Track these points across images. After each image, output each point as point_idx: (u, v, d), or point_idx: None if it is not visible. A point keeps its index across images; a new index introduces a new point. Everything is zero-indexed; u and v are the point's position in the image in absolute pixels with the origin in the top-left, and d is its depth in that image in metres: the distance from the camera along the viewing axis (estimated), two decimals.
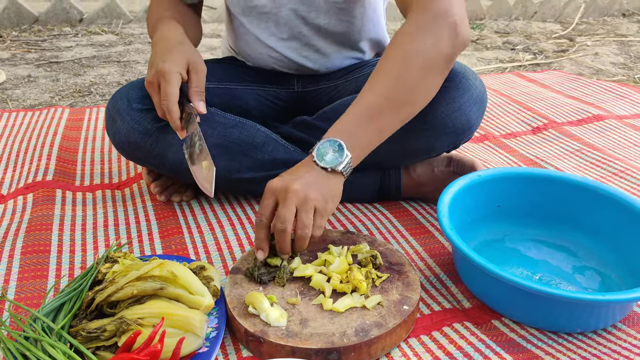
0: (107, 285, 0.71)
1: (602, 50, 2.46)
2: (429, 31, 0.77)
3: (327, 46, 1.07)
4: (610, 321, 0.75)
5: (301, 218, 0.74)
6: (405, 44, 0.77)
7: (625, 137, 1.40)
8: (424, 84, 0.79)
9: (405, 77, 0.77)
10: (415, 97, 0.80)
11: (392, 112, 0.79)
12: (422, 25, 0.77)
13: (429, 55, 0.77)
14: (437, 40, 0.77)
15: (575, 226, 0.92)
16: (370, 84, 0.79)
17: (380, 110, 0.78)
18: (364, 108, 0.78)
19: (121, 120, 0.94)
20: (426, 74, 0.78)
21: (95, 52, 2.30)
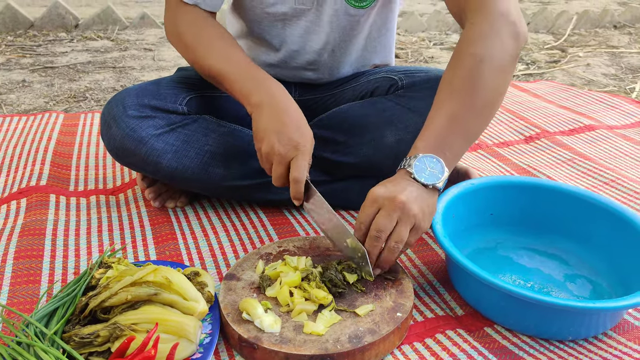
0: (101, 290, 0.71)
1: (593, 61, 2.49)
2: (494, 35, 0.78)
3: (336, 60, 1.08)
4: (601, 329, 0.76)
5: (400, 231, 0.73)
6: (474, 50, 0.78)
7: (616, 147, 1.42)
8: (499, 85, 0.80)
9: (481, 82, 0.77)
10: (493, 100, 0.80)
11: (475, 119, 0.79)
12: (486, 30, 0.79)
13: (498, 58, 0.78)
14: (502, 43, 0.78)
15: (567, 235, 0.93)
16: (449, 93, 0.79)
17: (465, 119, 0.78)
18: (449, 119, 0.77)
19: (116, 126, 0.94)
20: (499, 76, 0.79)
21: (90, 57, 2.30)
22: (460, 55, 0.80)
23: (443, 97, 0.79)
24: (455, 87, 0.78)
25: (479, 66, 0.77)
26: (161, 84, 1.02)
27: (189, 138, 0.97)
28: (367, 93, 1.08)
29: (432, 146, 0.77)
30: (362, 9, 1.00)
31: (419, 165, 0.76)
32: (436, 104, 0.80)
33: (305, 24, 1.01)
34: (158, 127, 0.95)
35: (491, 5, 0.80)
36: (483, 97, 0.78)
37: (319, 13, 1.00)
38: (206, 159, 0.98)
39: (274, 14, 1.00)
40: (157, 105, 0.97)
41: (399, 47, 2.67)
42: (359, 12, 1.00)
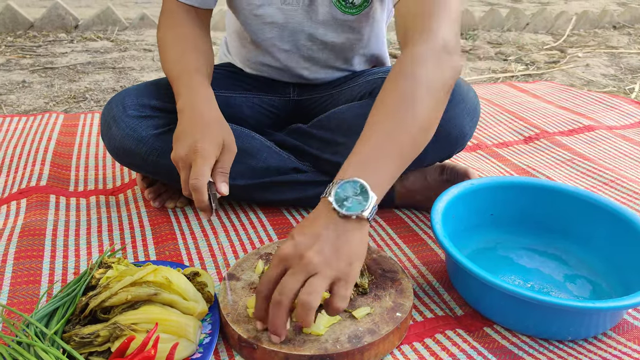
0: (101, 290, 0.71)
1: (593, 61, 2.49)
2: (433, 61, 0.75)
3: (329, 59, 1.08)
4: (600, 329, 0.76)
5: (310, 283, 0.62)
6: (412, 72, 0.74)
7: (615, 148, 1.42)
8: (434, 110, 0.75)
9: (417, 104, 0.72)
10: (428, 124, 0.74)
11: (409, 141, 0.72)
12: (426, 55, 0.75)
13: (435, 83, 0.74)
14: (441, 70, 0.75)
15: (566, 235, 0.93)
16: (383, 112, 0.73)
17: (398, 140, 0.71)
18: (382, 139, 0.70)
19: (116, 126, 0.94)
20: (434, 101, 0.74)
21: (90, 58, 2.30)
22: (397, 75, 0.75)
23: (376, 116, 0.73)
24: (390, 107, 0.72)
25: (416, 87, 0.73)
26: (161, 84, 1.02)
27: None
28: (366, 93, 1.08)
29: (360, 169, 0.67)
30: (352, 16, 1.00)
31: (339, 193, 0.65)
32: (369, 123, 0.73)
33: (294, 24, 1.02)
34: (158, 127, 0.96)
35: (433, 30, 0.77)
36: (418, 119, 0.72)
37: (309, 14, 1.00)
38: None
39: (262, 15, 1.01)
40: (157, 105, 0.97)
41: (397, 48, 2.68)
42: (348, 18, 1.00)
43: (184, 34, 0.95)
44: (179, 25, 0.96)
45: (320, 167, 1.05)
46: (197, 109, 0.84)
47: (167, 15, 0.98)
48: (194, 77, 0.89)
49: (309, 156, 1.05)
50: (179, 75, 0.90)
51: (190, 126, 0.81)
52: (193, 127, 0.81)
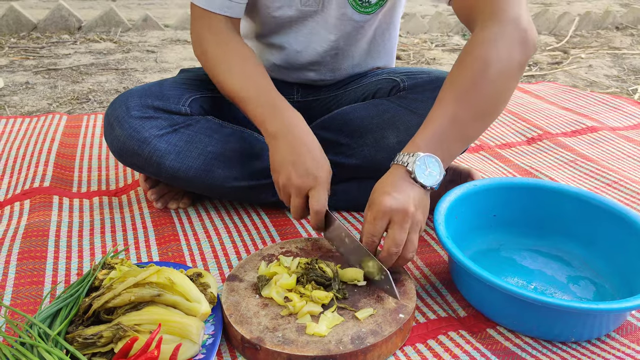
0: (104, 291, 0.71)
1: (595, 62, 2.49)
2: (503, 40, 0.76)
3: (339, 62, 1.09)
4: (604, 330, 0.76)
5: (413, 240, 0.75)
6: (481, 54, 0.76)
7: (618, 149, 1.42)
8: (503, 91, 0.78)
9: (485, 87, 0.76)
10: (496, 105, 0.79)
11: (476, 123, 0.78)
12: (496, 35, 0.77)
13: (505, 63, 0.76)
14: (511, 49, 0.76)
15: (570, 236, 0.93)
16: (452, 93, 0.77)
17: (465, 122, 0.77)
18: (450, 120, 0.76)
19: (119, 127, 0.95)
20: (504, 82, 0.77)
21: (93, 59, 2.31)
22: (467, 56, 0.78)
23: (446, 97, 0.78)
24: (458, 88, 0.77)
25: (485, 69, 0.76)
26: (164, 85, 1.02)
27: (192, 139, 0.97)
28: (370, 94, 1.08)
29: (432, 146, 0.76)
30: (367, 15, 1.00)
31: (419, 166, 0.75)
32: (438, 102, 0.79)
33: (311, 25, 1.02)
34: (161, 128, 0.96)
35: (503, 11, 0.78)
36: (486, 101, 0.77)
37: (325, 15, 1.00)
38: (209, 160, 0.98)
39: (280, 17, 1.01)
40: (160, 106, 0.97)
41: (400, 49, 2.67)
42: (364, 18, 1.00)
43: (237, 50, 0.95)
44: (226, 41, 0.95)
45: None
46: (298, 135, 0.87)
47: (209, 30, 0.95)
48: (276, 99, 0.90)
49: None
50: (257, 95, 0.90)
51: (295, 154, 0.85)
52: (299, 155, 0.85)
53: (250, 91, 0.91)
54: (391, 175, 0.77)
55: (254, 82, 0.92)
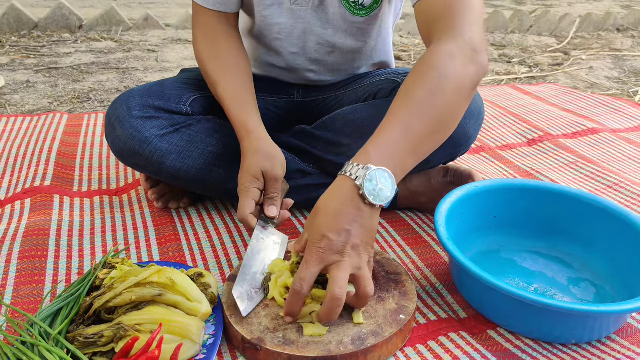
0: (105, 291, 0.71)
1: (596, 64, 2.49)
2: (459, 57, 0.75)
3: (336, 62, 1.08)
4: (604, 332, 0.76)
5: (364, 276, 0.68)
6: (438, 67, 0.74)
7: (619, 151, 1.42)
8: (457, 107, 0.76)
9: (440, 100, 0.73)
10: (450, 121, 0.76)
11: (430, 137, 0.74)
12: (452, 51, 0.75)
13: (460, 79, 0.74)
14: (466, 66, 0.75)
15: (570, 238, 0.93)
16: (406, 103, 0.73)
17: (419, 135, 0.72)
18: (404, 131, 0.71)
19: (121, 127, 0.95)
20: (458, 98, 0.75)
21: (94, 58, 2.31)
22: (423, 68, 0.75)
23: (400, 107, 0.73)
24: (414, 99, 0.73)
25: (441, 83, 0.73)
26: (165, 84, 1.02)
27: (193, 138, 0.97)
28: (370, 95, 1.08)
29: (385, 158, 0.69)
30: (361, 17, 1.00)
31: (369, 181, 0.68)
32: (391, 112, 0.73)
33: (304, 26, 1.02)
34: (162, 128, 0.96)
35: (460, 29, 0.77)
36: (441, 114, 0.73)
37: (318, 15, 1.00)
38: (210, 160, 0.98)
39: (270, 15, 1.01)
40: (161, 106, 0.97)
41: (401, 50, 2.68)
42: (358, 19, 1.00)
43: (224, 50, 0.98)
44: (216, 40, 0.99)
45: (324, 168, 1.05)
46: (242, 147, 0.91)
47: (203, 28, 1.00)
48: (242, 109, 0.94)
49: (313, 157, 1.06)
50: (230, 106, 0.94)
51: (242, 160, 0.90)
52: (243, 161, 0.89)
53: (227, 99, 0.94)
54: (338, 193, 0.70)
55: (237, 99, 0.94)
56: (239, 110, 0.93)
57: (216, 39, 0.99)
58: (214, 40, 0.99)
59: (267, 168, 0.87)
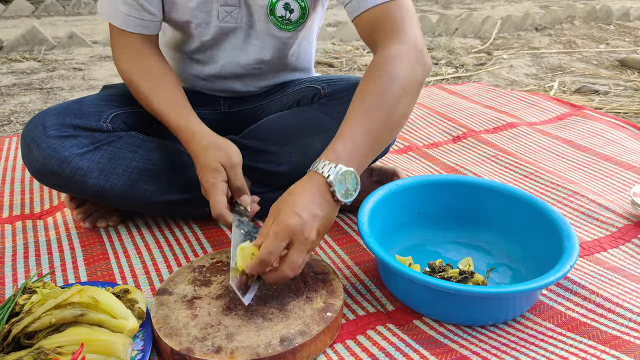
0: (23, 316, 0.69)
1: (516, 62, 2.63)
2: (405, 60, 0.81)
3: (262, 73, 1.10)
4: (518, 311, 0.81)
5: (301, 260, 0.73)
6: (387, 70, 0.80)
7: (535, 142, 1.51)
8: (407, 104, 0.81)
9: (393, 100, 0.79)
10: (402, 118, 0.81)
11: (386, 134, 0.80)
12: (398, 54, 0.81)
13: (408, 80, 0.80)
14: (412, 67, 0.81)
15: (489, 227, 0.99)
16: (362, 108, 0.79)
17: (377, 134, 0.78)
18: (364, 132, 0.77)
19: (37, 147, 0.92)
20: (408, 97, 0.80)
21: (15, 79, 2.22)
22: (374, 73, 0.81)
23: (357, 109, 0.79)
24: (370, 101, 0.79)
25: (392, 85, 0.79)
26: (84, 102, 1.01)
27: (115, 155, 0.96)
28: (294, 103, 1.10)
29: (352, 158, 0.76)
30: (288, 32, 1.02)
31: (340, 180, 0.74)
32: (351, 115, 0.79)
33: (233, 41, 1.03)
34: (82, 146, 0.94)
35: (403, 32, 0.83)
36: (395, 114, 0.79)
37: (247, 31, 1.02)
38: (134, 175, 0.97)
39: (200, 33, 1.01)
40: (80, 124, 0.96)
41: (333, 57, 2.73)
42: (286, 35, 1.03)
43: (151, 66, 0.99)
44: (141, 59, 0.99)
45: (253, 176, 1.06)
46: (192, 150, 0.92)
47: (125, 49, 0.99)
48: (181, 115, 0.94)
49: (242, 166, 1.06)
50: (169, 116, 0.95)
51: (197, 163, 0.90)
52: (197, 164, 0.90)
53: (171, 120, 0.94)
54: (309, 185, 0.75)
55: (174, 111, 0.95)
56: (179, 118, 0.94)
57: (141, 57, 0.99)
58: (139, 59, 0.99)
59: (223, 158, 0.89)
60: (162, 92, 0.97)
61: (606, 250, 1.00)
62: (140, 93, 0.98)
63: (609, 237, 1.04)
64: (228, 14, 0.99)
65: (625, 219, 1.09)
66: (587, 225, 1.08)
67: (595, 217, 1.10)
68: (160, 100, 0.96)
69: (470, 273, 0.85)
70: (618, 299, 0.85)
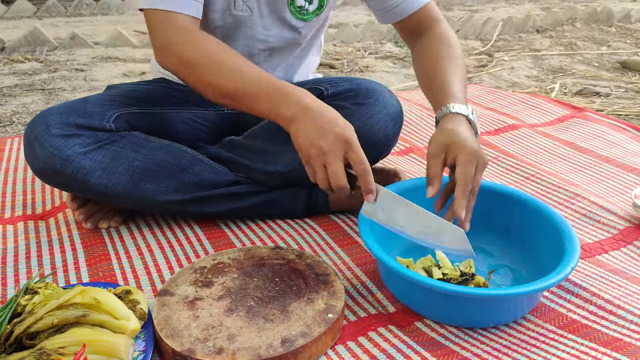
0: (26, 316, 0.69)
1: (517, 64, 2.63)
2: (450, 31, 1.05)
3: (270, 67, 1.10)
4: (519, 313, 0.81)
5: None
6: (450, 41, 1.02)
7: (536, 144, 1.51)
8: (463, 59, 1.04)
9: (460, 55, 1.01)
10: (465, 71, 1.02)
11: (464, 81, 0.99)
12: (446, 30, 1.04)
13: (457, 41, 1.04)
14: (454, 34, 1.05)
15: (490, 228, 0.97)
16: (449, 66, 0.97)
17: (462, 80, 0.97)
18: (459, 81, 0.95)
19: (39, 146, 0.93)
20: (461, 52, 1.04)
21: (17, 80, 2.22)
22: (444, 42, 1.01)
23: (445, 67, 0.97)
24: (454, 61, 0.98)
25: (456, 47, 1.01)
26: (88, 102, 1.01)
27: (118, 154, 0.96)
28: None
29: (464, 97, 0.92)
30: (304, 22, 1.04)
31: (471, 112, 0.89)
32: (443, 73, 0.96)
33: (245, 31, 1.04)
34: (84, 145, 0.94)
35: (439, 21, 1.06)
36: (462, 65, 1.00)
37: (262, 22, 1.03)
38: (136, 175, 0.97)
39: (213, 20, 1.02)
40: (83, 124, 0.96)
41: (335, 58, 2.73)
42: (300, 24, 1.03)
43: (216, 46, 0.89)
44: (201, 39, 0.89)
45: (254, 176, 1.07)
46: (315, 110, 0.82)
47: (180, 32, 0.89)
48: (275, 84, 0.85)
49: (242, 167, 1.07)
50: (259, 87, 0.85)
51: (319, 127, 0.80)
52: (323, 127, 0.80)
53: (247, 84, 0.85)
54: (460, 123, 0.86)
55: (248, 74, 0.86)
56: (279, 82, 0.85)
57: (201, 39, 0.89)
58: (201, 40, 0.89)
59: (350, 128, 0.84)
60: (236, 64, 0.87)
61: (607, 252, 1.00)
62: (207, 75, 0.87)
63: (611, 239, 1.04)
64: (244, 2, 0.99)
65: (627, 221, 1.09)
66: (589, 227, 1.08)
67: (597, 219, 1.10)
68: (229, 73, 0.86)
69: (471, 275, 0.85)
70: (619, 301, 0.85)
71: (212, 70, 0.86)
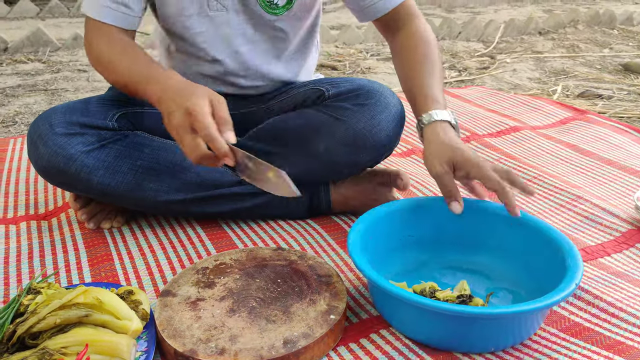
0: (28, 316, 0.69)
1: (519, 66, 2.63)
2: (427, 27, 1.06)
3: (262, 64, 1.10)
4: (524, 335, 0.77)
5: None
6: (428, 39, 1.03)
7: (538, 146, 1.51)
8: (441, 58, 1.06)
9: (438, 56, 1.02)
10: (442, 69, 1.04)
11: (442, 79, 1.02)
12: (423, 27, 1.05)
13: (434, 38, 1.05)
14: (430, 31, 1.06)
15: (486, 249, 0.90)
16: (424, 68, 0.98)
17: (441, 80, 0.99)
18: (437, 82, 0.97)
19: (43, 145, 0.93)
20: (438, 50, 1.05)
21: (20, 81, 2.23)
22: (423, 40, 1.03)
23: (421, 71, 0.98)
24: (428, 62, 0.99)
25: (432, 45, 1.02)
26: (90, 102, 1.02)
27: (121, 153, 0.97)
28: (298, 104, 1.11)
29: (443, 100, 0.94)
30: (276, 16, 1.04)
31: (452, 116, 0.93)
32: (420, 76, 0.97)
33: (225, 30, 1.04)
34: (88, 144, 0.95)
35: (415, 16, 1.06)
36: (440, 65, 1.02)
37: (236, 17, 1.03)
38: (139, 174, 0.98)
39: (191, 26, 1.02)
40: (86, 122, 0.96)
41: (337, 60, 2.73)
42: (272, 18, 1.04)
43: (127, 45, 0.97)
44: (117, 41, 0.97)
45: None
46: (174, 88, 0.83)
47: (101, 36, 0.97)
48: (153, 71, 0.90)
49: None
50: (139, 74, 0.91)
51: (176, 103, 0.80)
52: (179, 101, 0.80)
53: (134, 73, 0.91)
54: (447, 129, 0.90)
55: (137, 64, 0.92)
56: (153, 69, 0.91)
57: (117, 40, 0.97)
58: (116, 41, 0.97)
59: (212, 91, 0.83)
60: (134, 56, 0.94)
61: (610, 255, 1.00)
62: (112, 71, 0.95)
63: (613, 242, 1.04)
64: (218, 1, 1.00)
65: (629, 223, 1.09)
66: (591, 230, 1.08)
67: (599, 221, 1.10)
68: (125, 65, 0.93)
69: (468, 296, 0.82)
70: (622, 303, 0.84)
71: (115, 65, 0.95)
